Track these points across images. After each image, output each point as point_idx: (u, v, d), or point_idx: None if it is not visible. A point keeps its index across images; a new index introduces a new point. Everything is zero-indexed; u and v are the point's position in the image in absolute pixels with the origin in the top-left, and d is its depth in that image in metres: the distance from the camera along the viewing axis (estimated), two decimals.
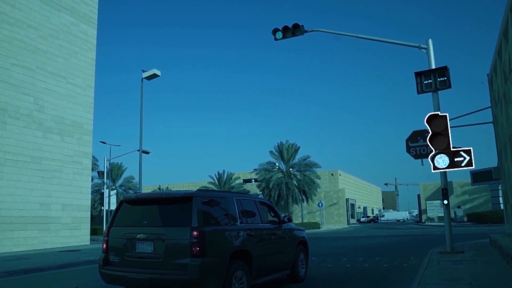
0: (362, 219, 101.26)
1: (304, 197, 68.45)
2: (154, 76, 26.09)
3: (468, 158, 14.46)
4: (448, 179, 16.69)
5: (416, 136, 18.46)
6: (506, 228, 20.36)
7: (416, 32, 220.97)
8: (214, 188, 74.09)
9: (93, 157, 46.06)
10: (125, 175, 75.56)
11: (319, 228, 62.85)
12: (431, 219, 74.52)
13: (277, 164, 69.80)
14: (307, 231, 13.83)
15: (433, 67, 16.51)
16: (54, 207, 28.56)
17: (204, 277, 7.58)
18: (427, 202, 76.36)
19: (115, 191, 47.99)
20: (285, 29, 17.99)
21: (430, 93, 16.31)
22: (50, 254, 22.39)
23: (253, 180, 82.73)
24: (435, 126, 14.60)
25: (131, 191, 69.44)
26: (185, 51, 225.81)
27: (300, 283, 11.41)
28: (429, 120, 14.70)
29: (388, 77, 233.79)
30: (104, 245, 8.75)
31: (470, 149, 14.55)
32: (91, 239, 32.16)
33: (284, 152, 69.25)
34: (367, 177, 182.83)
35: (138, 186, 29.08)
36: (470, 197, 72.06)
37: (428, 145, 15.15)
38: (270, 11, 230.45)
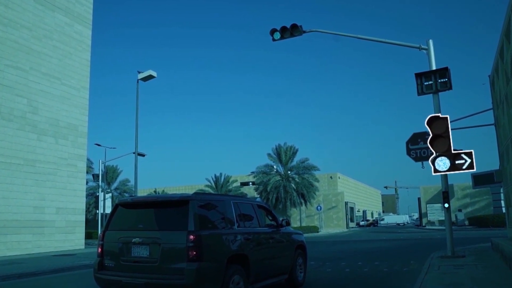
0: (362, 223, 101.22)
1: (302, 201, 68.30)
2: (150, 77, 25.90)
3: (469, 160, 14.32)
4: (449, 182, 16.48)
5: (417, 138, 18.25)
6: (508, 232, 20.16)
7: (416, 32, 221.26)
8: (211, 191, 74.02)
9: (88, 159, 45.74)
10: (120, 178, 75.36)
11: (317, 232, 62.75)
12: (432, 223, 74.37)
13: (275, 167, 69.66)
14: (305, 235, 13.61)
15: (434, 68, 16.33)
16: (48, 210, 28.25)
17: (200, 282, 7.50)
18: (427, 205, 76.20)
19: (110, 194, 47.66)
20: (283, 30, 17.80)
21: (431, 95, 16.12)
22: (44, 259, 22.17)
23: (250, 183, 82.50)
24: (436, 128, 14.50)
25: (126, 194, 69.30)
26: (180, 51, 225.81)
27: None
28: (430, 122, 14.59)
29: (388, 78, 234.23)
30: (99, 249, 8.65)
31: (471, 152, 14.42)
32: (85, 243, 31.91)
33: (282, 154, 69.06)
34: (366, 180, 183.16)
35: (133, 189, 28.85)
36: (472, 201, 71.93)
37: (428, 147, 15.00)
38: (267, 11, 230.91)
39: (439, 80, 15.83)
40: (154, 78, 26.11)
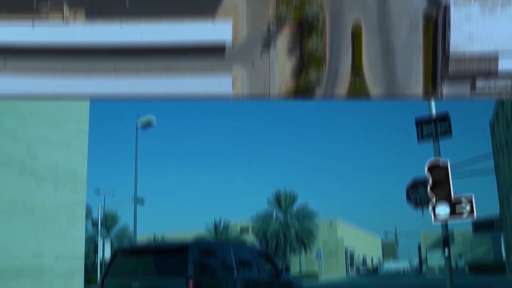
0: (361, 269, 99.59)
1: (302, 247, 67.68)
2: (150, 123, 25.93)
3: (469, 207, 14.19)
4: (449, 227, 16.33)
5: (417, 185, 18.17)
6: (509, 278, 19.91)
7: None
8: (211, 237, 73.36)
9: (87, 205, 45.50)
10: (120, 223, 74.81)
11: (317, 279, 61.93)
12: (432, 269, 73.57)
13: (274, 212, 69.38)
14: (305, 282, 13.46)
15: (434, 114, 16.38)
16: (47, 257, 27.82)
17: None
18: (427, 252, 75.62)
19: (109, 240, 47.30)
20: None
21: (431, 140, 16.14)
22: None
23: (250, 229, 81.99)
24: (436, 174, 14.43)
25: (126, 240, 68.65)
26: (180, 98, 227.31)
27: None
28: (430, 168, 14.52)
29: (388, 124, 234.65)
30: None
31: (471, 198, 14.28)
32: None
33: (282, 201, 68.93)
34: (366, 225, 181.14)
35: (133, 234, 28.60)
36: (472, 247, 71.35)
37: (429, 194, 14.90)
38: None
39: (439, 125, 15.89)
40: (154, 124, 26.19)
